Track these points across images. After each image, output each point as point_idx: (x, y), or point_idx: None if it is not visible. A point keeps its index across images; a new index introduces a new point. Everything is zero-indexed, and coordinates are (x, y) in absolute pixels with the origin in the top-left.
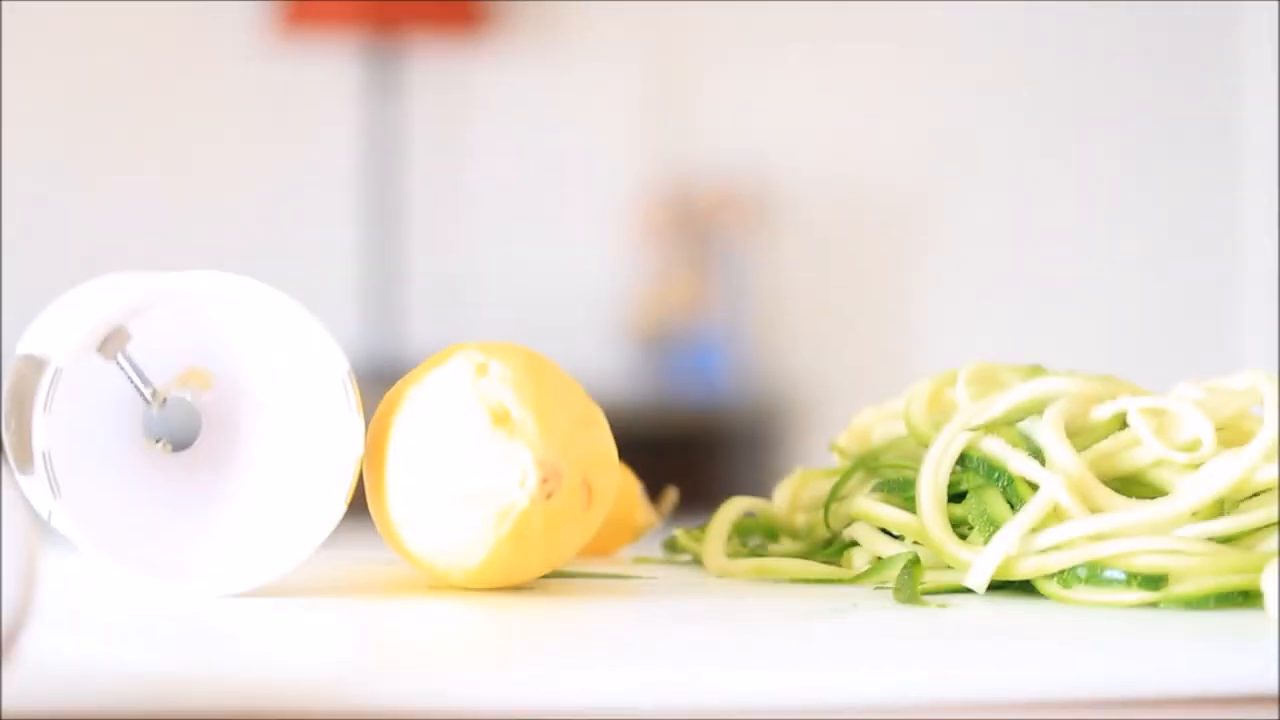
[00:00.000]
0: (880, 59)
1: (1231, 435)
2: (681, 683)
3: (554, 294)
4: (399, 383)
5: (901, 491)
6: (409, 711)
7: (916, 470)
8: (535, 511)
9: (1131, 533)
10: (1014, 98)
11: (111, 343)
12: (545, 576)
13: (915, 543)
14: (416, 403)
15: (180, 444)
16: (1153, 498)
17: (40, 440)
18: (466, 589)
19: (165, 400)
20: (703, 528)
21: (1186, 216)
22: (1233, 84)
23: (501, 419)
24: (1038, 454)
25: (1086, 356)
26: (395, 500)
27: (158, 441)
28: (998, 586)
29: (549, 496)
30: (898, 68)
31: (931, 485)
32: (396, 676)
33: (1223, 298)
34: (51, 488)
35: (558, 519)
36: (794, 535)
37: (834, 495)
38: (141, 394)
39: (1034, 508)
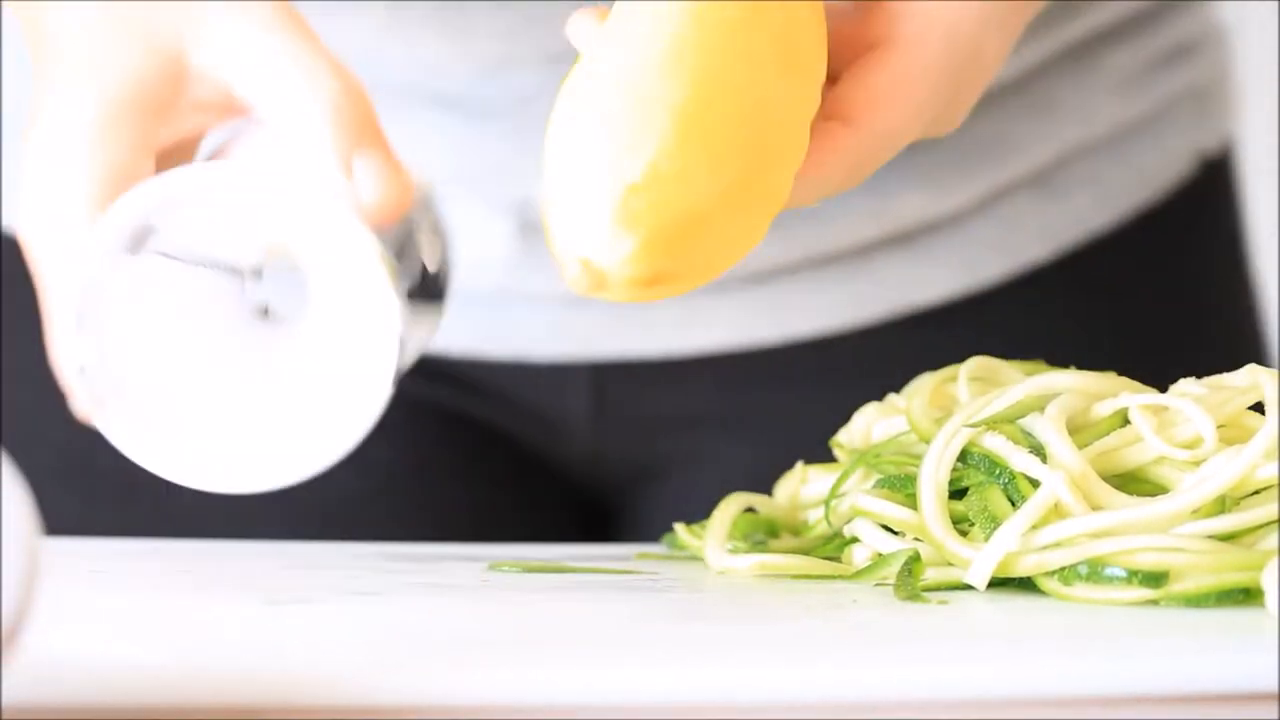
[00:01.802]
0: None
1: (1233, 433)
2: (682, 679)
3: None
4: None
5: (903, 488)
6: (410, 709)
7: (917, 467)
8: None
9: (1132, 530)
10: None
11: (140, 239)
12: (542, 571)
13: (916, 539)
14: None
15: (277, 311)
16: (1154, 495)
17: (76, 355)
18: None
19: (257, 270)
20: (703, 524)
21: None
22: (1235, 80)
23: None
24: (1039, 450)
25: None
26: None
27: (254, 311)
28: (998, 583)
29: None
30: None
31: (932, 482)
32: (397, 674)
33: None
34: (95, 401)
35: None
36: (795, 531)
37: (835, 492)
38: (216, 271)
39: (1035, 505)
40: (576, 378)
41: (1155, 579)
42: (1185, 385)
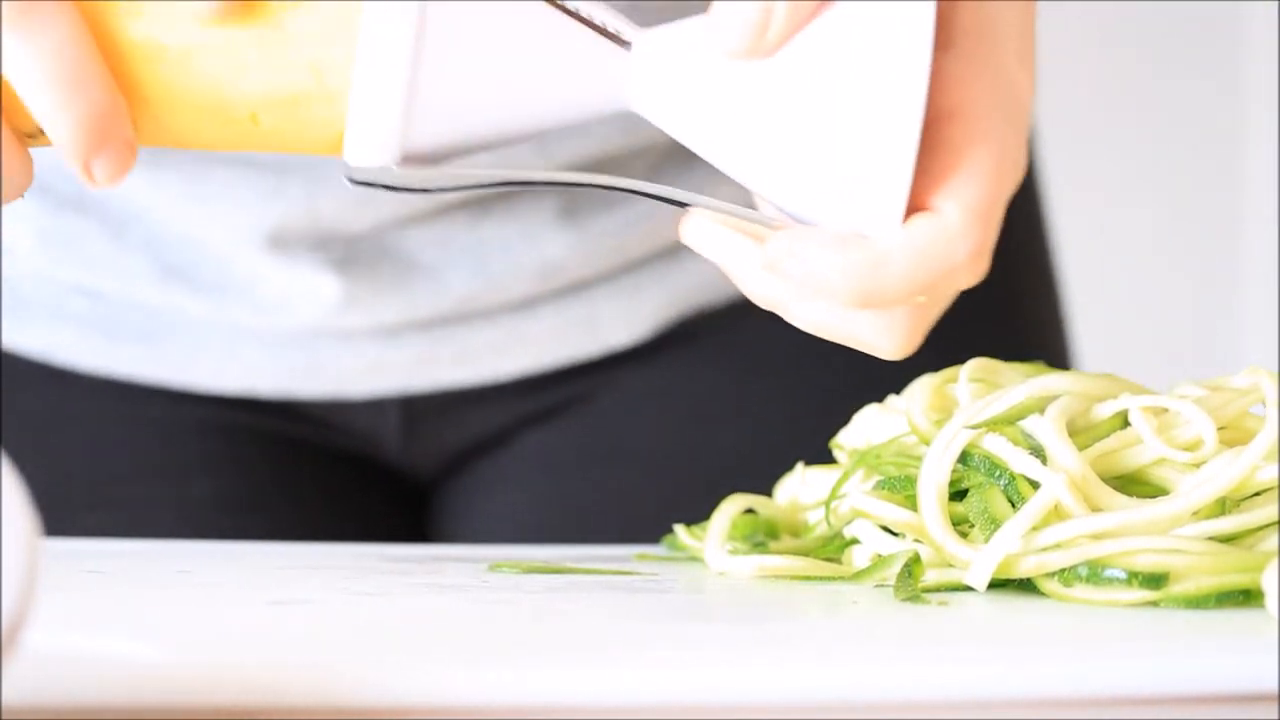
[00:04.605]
0: None
1: (1233, 435)
2: (682, 679)
3: None
4: None
5: (903, 489)
6: (410, 709)
7: (918, 468)
8: None
9: (1132, 531)
10: None
11: None
12: (542, 571)
13: (916, 540)
14: None
15: None
16: (1154, 497)
17: None
18: None
19: None
20: (703, 525)
21: (1188, 213)
22: (1234, 80)
23: None
24: (1039, 452)
25: (1087, 353)
26: None
27: None
28: (998, 585)
29: None
30: None
31: (932, 483)
32: (398, 674)
33: (1224, 295)
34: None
35: None
36: (795, 533)
37: (835, 493)
38: None
39: (1035, 506)
40: (388, 408)
41: (1155, 580)
42: (1185, 387)
